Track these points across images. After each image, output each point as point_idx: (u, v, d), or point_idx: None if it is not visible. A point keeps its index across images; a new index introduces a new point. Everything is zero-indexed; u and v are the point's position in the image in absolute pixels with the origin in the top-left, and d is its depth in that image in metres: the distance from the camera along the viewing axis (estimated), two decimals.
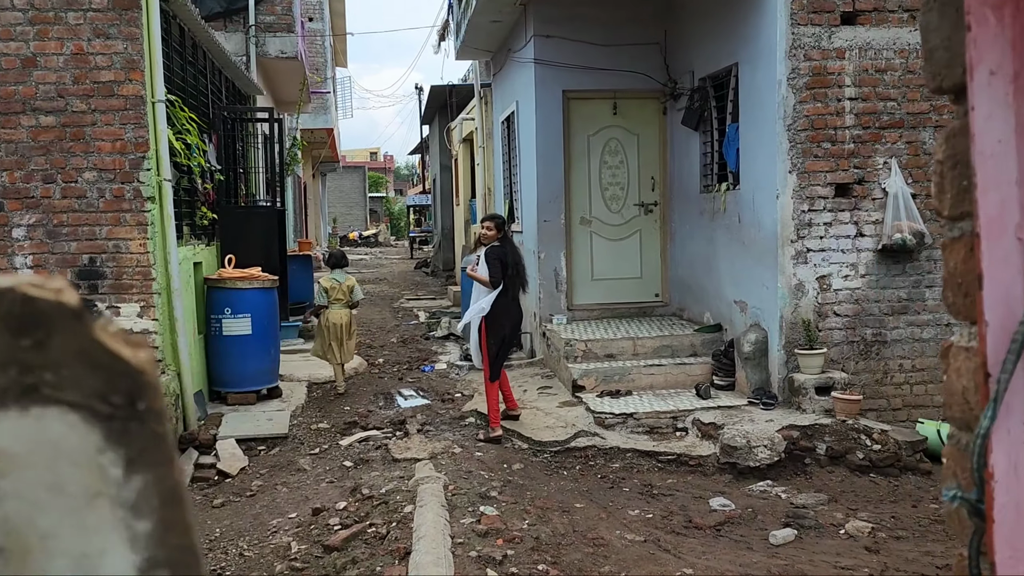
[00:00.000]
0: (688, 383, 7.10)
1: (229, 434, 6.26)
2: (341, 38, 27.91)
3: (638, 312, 8.70)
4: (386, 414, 7.04)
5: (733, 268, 7.18)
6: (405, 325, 12.17)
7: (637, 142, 8.69)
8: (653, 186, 8.74)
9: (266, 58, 11.11)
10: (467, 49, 10.53)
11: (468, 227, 15.52)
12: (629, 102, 8.63)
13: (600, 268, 8.73)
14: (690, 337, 7.52)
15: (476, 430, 6.49)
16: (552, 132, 8.44)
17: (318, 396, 7.70)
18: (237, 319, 7.08)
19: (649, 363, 7.20)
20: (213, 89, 8.54)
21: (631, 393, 6.91)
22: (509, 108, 9.86)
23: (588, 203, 8.68)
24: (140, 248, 5.88)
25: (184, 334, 6.14)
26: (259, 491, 5.58)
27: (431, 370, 8.78)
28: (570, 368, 7.17)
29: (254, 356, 7.14)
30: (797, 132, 6.29)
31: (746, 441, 5.58)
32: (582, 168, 8.64)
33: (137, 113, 5.81)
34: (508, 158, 10.31)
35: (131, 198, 5.85)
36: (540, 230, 8.49)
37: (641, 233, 8.78)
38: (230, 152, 8.92)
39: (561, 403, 6.94)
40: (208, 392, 7.21)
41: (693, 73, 7.92)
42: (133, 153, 5.83)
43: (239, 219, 8.30)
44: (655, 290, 8.83)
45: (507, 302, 6.44)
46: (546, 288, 8.53)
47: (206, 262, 7.49)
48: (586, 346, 7.39)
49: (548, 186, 8.48)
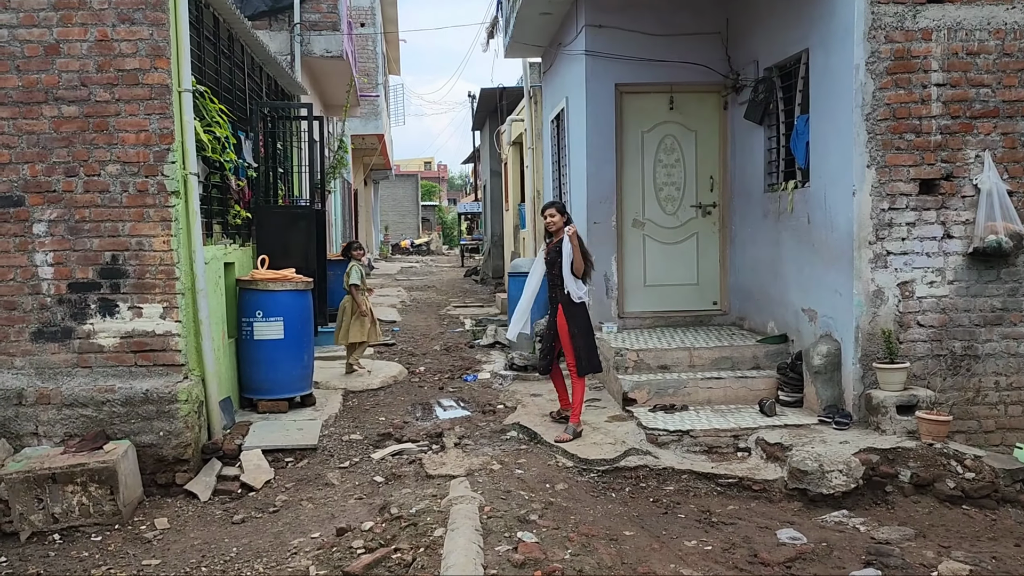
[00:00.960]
0: (750, 398, 6.49)
1: (255, 444, 5.88)
2: (394, 45, 27.87)
3: (694, 321, 8.11)
4: (423, 426, 6.59)
5: (801, 273, 6.56)
6: (450, 332, 11.75)
7: (695, 139, 8.12)
8: (712, 186, 8.15)
9: (311, 57, 10.85)
10: (516, 45, 10.10)
11: (517, 232, 15.07)
12: (687, 96, 8.07)
13: (654, 273, 8.17)
14: (752, 348, 6.91)
15: (518, 445, 6.00)
16: (604, 129, 7.93)
17: (353, 405, 7.30)
18: (269, 323, 6.72)
19: (707, 376, 6.62)
20: (252, 86, 8.26)
21: (687, 408, 6.34)
22: (559, 106, 9.38)
23: (641, 204, 8.14)
24: (163, 245, 5.55)
25: (209, 337, 5.79)
26: (283, 507, 5.18)
27: (473, 379, 8.33)
28: (620, 380, 6.63)
29: (286, 362, 6.78)
30: (876, 122, 5.67)
31: (818, 465, 4.97)
32: (635, 167, 8.10)
33: (162, 103, 5.50)
34: (557, 158, 9.83)
35: (155, 192, 5.54)
36: (590, 233, 7.98)
37: (698, 236, 8.19)
38: (270, 151, 8.64)
39: (610, 417, 6.40)
40: (239, 399, 6.87)
41: (757, 63, 7.34)
42: (158, 145, 5.52)
43: (276, 219, 7.98)
44: (713, 297, 8.23)
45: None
46: (595, 294, 8.00)
47: (239, 263, 7.17)
48: (638, 356, 6.84)
49: (599, 186, 7.97)
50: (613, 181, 7.97)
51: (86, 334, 5.55)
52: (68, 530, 4.97)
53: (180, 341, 5.60)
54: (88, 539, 4.89)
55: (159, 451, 5.44)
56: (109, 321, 5.55)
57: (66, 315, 5.54)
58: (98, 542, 4.84)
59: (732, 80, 7.76)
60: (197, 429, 5.62)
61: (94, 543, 4.84)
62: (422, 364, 9.24)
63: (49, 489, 4.96)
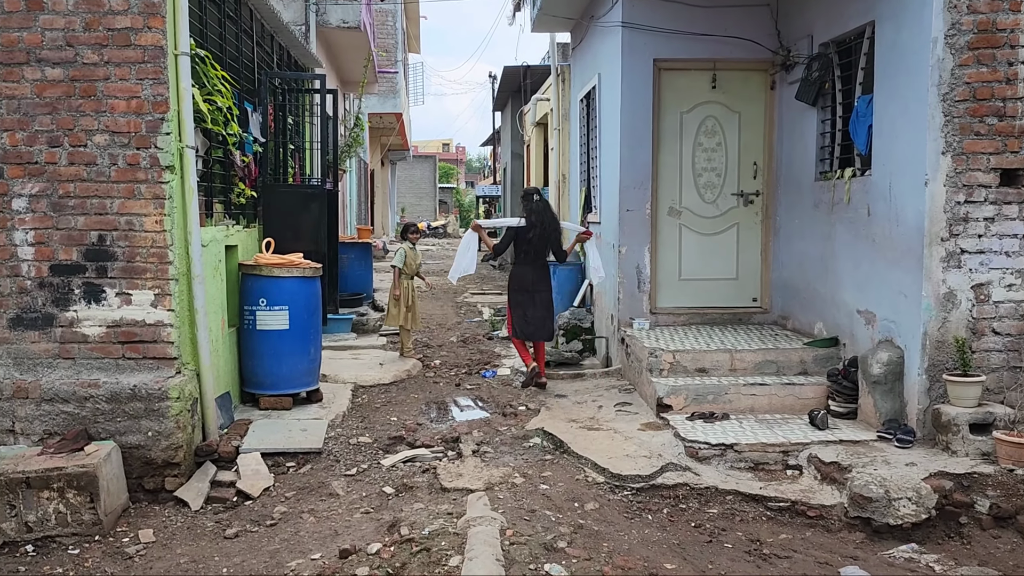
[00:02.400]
0: (798, 408, 5.90)
1: (254, 447, 5.36)
2: (414, 22, 27.21)
3: (732, 319, 7.50)
4: (438, 428, 6.05)
5: (858, 271, 5.94)
6: (467, 323, 11.20)
7: (738, 121, 7.48)
8: (755, 173, 7.52)
9: (327, 28, 10.27)
10: (544, 18, 9.45)
11: None
12: (731, 74, 7.43)
13: (689, 266, 7.57)
14: (799, 352, 6.31)
15: (542, 454, 5.45)
16: (640, 109, 7.31)
17: (363, 402, 6.77)
18: (273, 311, 6.19)
19: (750, 381, 6.03)
20: (262, 56, 7.70)
21: (728, 417, 5.76)
22: (589, 83, 8.76)
23: (678, 191, 7.52)
24: (156, 225, 5.01)
25: (205, 328, 5.26)
26: (282, 520, 4.66)
27: (492, 376, 7.77)
28: (654, 383, 6.06)
29: (290, 355, 6.25)
30: (954, 103, 5.03)
31: (884, 491, 4.38)
32: (673, 151, 7.48)
33: (157, 67, 4.95)
34: (586, 140, 9.21)
35: (147, 167, 4.99)
36: (622, 221, 7.38)
37: (739, 227, 7.57)
38: (280, 125, 8.08)
39: (643, 425, 5.83)
40: (239, 393, 6.36)
41: (812, 38, 6.68)
42: (151, 114, 4.96)
43: (284, 199, 7.42)
44: (753, 293, 7.61)
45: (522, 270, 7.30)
46: (626, 288, 7.42)
47: (243, 246, 6.63)
48: (674, 358, 6.26)
49: (633, 171, 7.36)
50: (649, 166, 7.36)
51: (69, 322, 5.03)
52: (43, 540, 4.47)
53: (173, 332, 5.07)
54: (64, 551, 4.40)
55: (147, 453, 4.93)
56: (94, 308, 5.03)
57: (47, 300, 5.02)
58: (75, 555, 4.34)
59: (782, 57, 7.10)
60: (190, 429, 5.10)
61: (70, 556, 4.34)
62: (438, 357, 8.70)
63: (23, 495, 4.46)
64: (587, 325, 8.62)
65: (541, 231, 7.15)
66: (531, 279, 7.22)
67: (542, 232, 7.15)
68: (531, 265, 7.24)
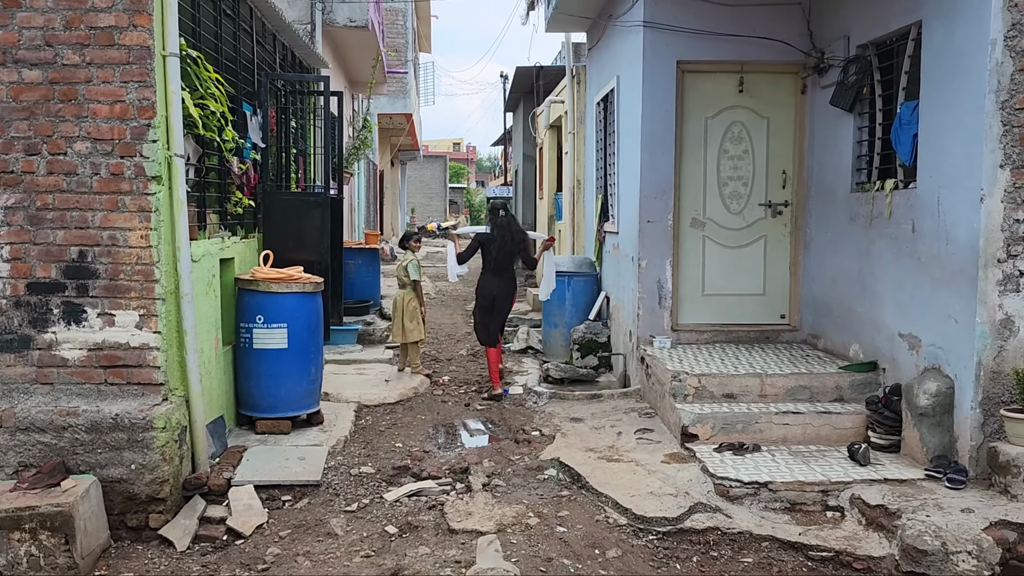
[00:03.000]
0: (834, 438, 5.46)
1: (247, 479, 4.96)
2: (425, 21, 26.82)
3: (759, 337, 7.07)
4: (445, 457, 5.64)
5: (900, 291, 5.50)
6: None
7: (766, 127, 7.05)
8: (784, 182, 7.08)
9: (333, 27, 9.88)
10: (559, 17, 9.04)
11: (552, 223, 14.04)
12: (759, 77, 6.99)
13: (713, 281, 7.13)
14: (834, 376, 5.87)
15: (558, 489, 5.03)
16: (662, 113, 6.88)
17: (366, 425, 6.37)
18: (270, 329, 5.80)
19: (782, 409, 5.59)
20: (264, 56, 7.31)
21: (759, 449, 5.33)
22: (607, 86, 8.33)
23: (702, 201, 7.09)
24: (141, 240, 4.62)
25: (195, 350, 4.86)
26: (274, 563, 4.26)
27: (505, 394, 7.36)
28: (678, 410, 5.63)
29: (289, 375, 5.86)
30: (1014, 112, 4.58)
31: (940, 543, 3.95)
32: (696, 158, 7.05)
33: (142, 68, 4.55)
34: (603, 146, 8.79)
35: (132, 176, 4.60)
36: (642, 232, 6.95)
37: (766, 240, 7.13)
38: (283, 130, 7.69)
39: (667, 456, 5.40)
40: (235, 416, 5.97)
41: (848, 39, 6.24)
42: (136, 119, 4.57)
43: (285, 207, 7.03)
44: (780, 310, 7.17)
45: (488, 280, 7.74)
46: (646, 303, 6.99)
47: (241, 258, 6.24)
48: (699, 382, 5.83)
49: (654, 179, 6.93)
50: (671, 174, 6.93)
51: (47, 344, 4.64)
52: None
53: (159, 355, 4.68)
54: None
55: (130, 488, 4.54)
56: (75, 330, 4.64)
57: (24, 321, 4.63)
58: None
59: (815, 59, 6.66)
60: (177, 461, 4.71)
61: None
62: (446, 373, 8.29)
63: None
64: (603, 340, 8.20)
65: (501, 244, 7.58)
66: (494, 290, 7.67)
67: (502, 245, 7.58)
68: (495, 276, 7.68)
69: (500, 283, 7.64)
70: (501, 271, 7.66)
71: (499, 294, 7.64)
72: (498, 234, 7.61)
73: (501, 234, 7.61)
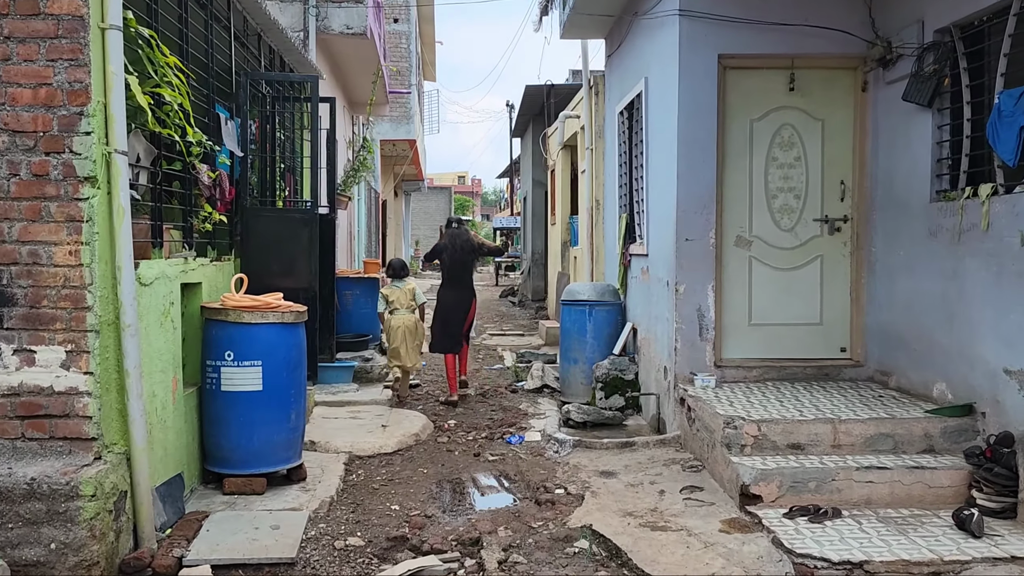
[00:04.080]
0: (929, 500, 4.44)
1: (204, 556, 3.95)
2: (430, 47, 26.22)
3: (816, 373, 6.07)
4: (452, 524, 4.62)
5: (1004, 318, 4.51)
6: (486, 370, 9.79)
7: (821, 130, 6.12)
8: (843, 194, 6.13)
9: (328, 34, 9.06)
10: (577, 19, 8.17)
11: (566, 249, 13.11)
12: (812, 73, 6.08)
13: (762, 308, 6.16)
14: (922, 422, 4.86)
15: (593, 568, 4.01)
16: (701, 115, 5.96)
17: (358, 481, 5.36)
18: (242, 368, 4.83)
19: (863, 463, 4.58)
20: (246, 57, 6.45)
21: (840, 514, 4.30)
22: (632, 91, 7.44)
23: (748, 216, 6.14)
24: (70, 258, 3.69)
25: (139, 395, 3.89)
26: None
27: (519, 442, 6.35)
28: (735, 465, 4.62)
29: (264, 423, 4.88)
30: None
31: None
32: (741, 167, 6.12)
33: (74, 43, 3.66)
34: (628, 159, 7.87)
35: (59, 178, 3.68)
36: (679, 253, 6.00)
37: (822, 260, 6.17)
38: (270, 141, 6.80)
39: (725, 523, 4.38)
40: (200, 472, 4.98)
41: (923, 24, 5.33)
42: (65, 107, 3.67)
43: (268, 225, 6.11)
44: (840, 342, 6.18)
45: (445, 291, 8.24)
46: (684, 334, 6.01)
47: (211, 283, 5.29)
48: (759, 430, 4.82)
49: (693, 192, 5.99)
50: (712, 185, 5.99)
51: None
52: None
53: (91, 402, 3.71)
54: None
55: (49, 573, 3.55)
56: None
57: None
58: None
59: (879, 50, 5.74)
60: (112, 537, 3.72)
61: None
62: (451, 416, 7.28)
63: None
64: (630, 377, 7.20)
65: (452, 252, 8.15)
66: (451, 301, 8.14)
67: (453, 253, 8.14)
68: (452, 288, 8.18)
69: (454, 294, 8.14)
70: (455, 281, 8.16)
71: (455, 302, 8.11)
72: (449, 243, 8.18)
73: (452, 243, 8.17)
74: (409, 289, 7.99)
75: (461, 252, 8.15)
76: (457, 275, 8.16)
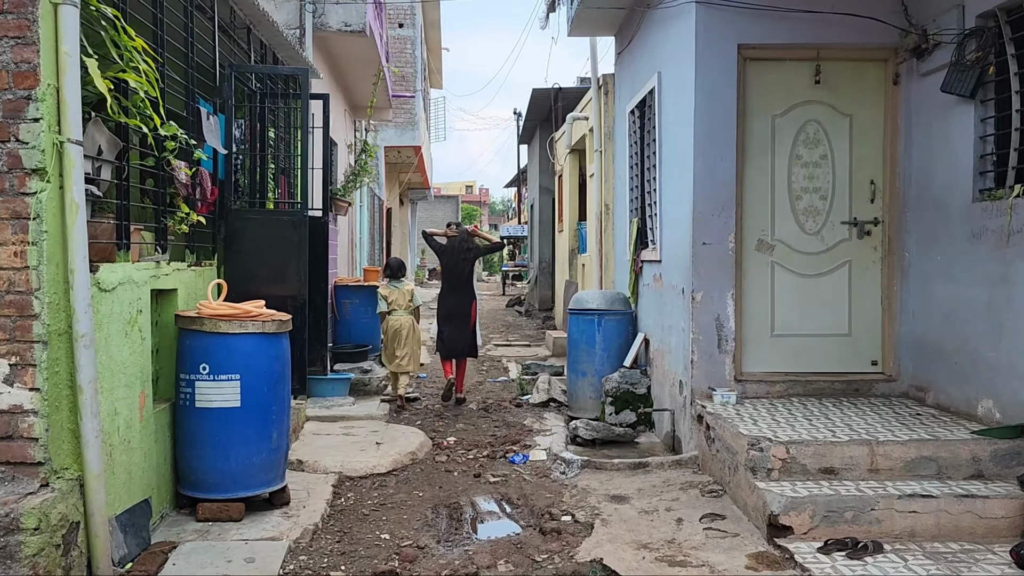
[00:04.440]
0: (981, 532, 3.97)
1: None
2: (436, 54, 25.90)
3: (845, 389, 5.61)
4: (446, 556, 4.17)
5: None
6: (490, 383, 9.34)
7: (849, 127, 5.68)
8: (873, 195, 5.69)
9: (326, 31, 8.67)
10: (585, 13, 7.74)
11: (574, 257, 12.67)
12: (839, 65, 5.65)
13: (785, 318, 5.71)
14: (968, 445, 4.39)
15: None
16: (720, 111, 5.53)
17: (346, 506, 4.92)
18: (218, 382, 4.40)
19: (906, 491, 4.11)
20: (234, 51, 6.07)
21: (881, 548, 3.84)
22: (644, 88, 7.01)
23: (770, 219, 5.70)
24: (14, 260, 3.28)
25: (93, 414, 3.47)
26: None
27: (523, 461, 5.90)
28: (761, 491, 4.16)
29: (242, 443, 4.45)
30: None
31: None
32: (762, 167, 5.68)
33: (21, 19, 3.26)
34: (639, 160, 7.43)
35: (3, 170, 3.28)
36: (696, 258, 5.56)
37: (851, 266, 5.72)
38: (259, 139, 6.41)
39: (752, 559, 3.92)
40: (173, 497, 4.55)
41: (963, 9, 4.89)
42: (10, 90, 3.27)
43: (254, 228, 5.71)
44: (871, 355, 5.72)
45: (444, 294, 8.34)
46: (702, 346, 5.56)
47: (189, 289, 4.88)
48: (787, 452, 4.36)
49: (711, 193, 5.55)
50: (732, 185, 5.55)
51: None
52: None
53: (38, 423, 3.29)
54: None
55: None
56: None
57: None
58: None
59: (914, 38, 5.31)
60: (62, 572, 3.28)
61: None
62: (451, 432, 6.83)
63: None
64: (642, 392, 6.75)
65: (451, 256, 8.26)
66: (451, 304, 8.20)
67: (451, 256, 8.25)
68: (452, 291, 8.27)
69: (456, 297, 8.20)
70: (455, 284, 8.24)
71: (456, 305, 8.16)
72: (448, 246, 8.32)
73: (451, 246, 8.30)
74: (408, 290, 7.99)
75: (458, 253, 8.24)
76: (455, 276, 8.23)
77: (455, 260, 8.23)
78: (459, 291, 8.20)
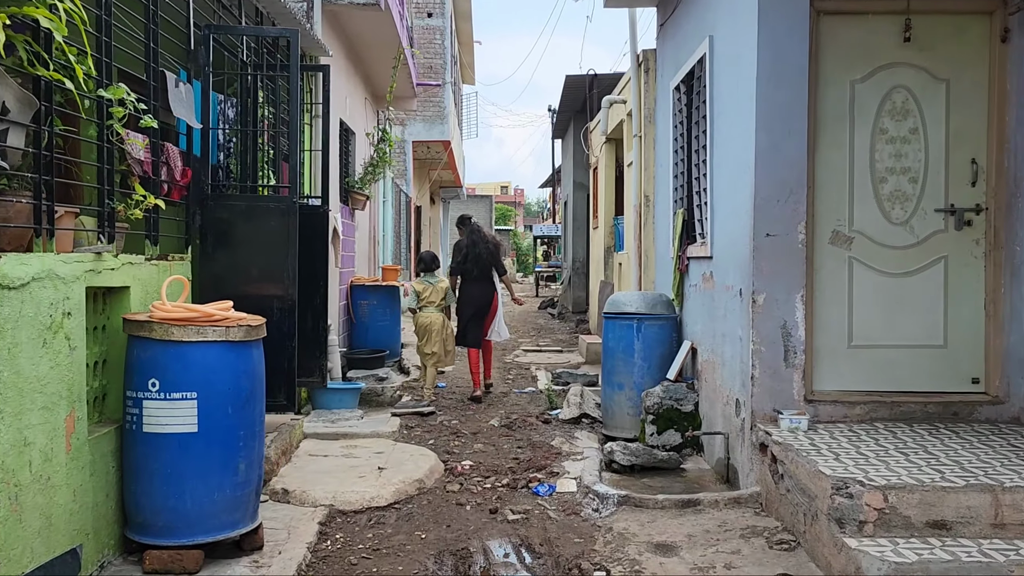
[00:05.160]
0: None
1: None
2: (468, 48, 25.15)
3: (940, 412, 4.62)
4: None
5: None
6: (515, 394, 8.44)
7: (945, 94, 4.69)
8: (975, 176, 4.69)
9: (336, 4, 7.86)
10: None
11: (610, 256, 11.72)
12: (932, 20, 4.66)
13: (866, 326, 4.73)
14: None
15: None
16: (788, 75, 4.58)
17: (331, 551, 4.06)
18: (170, 402, 3.58)
19: None
20: (222, 16, 5.27)
21: None
22: (692, 58, 6.07)
23: (847, 206, 4.73)
24: None
25: None
26: None
27: (550, 493, 5.00)
28: (853, 553, 3.21)
29: (200, 477, 3.61)
30: None
31: None
32: (838, 142, 4.72)
33: None
34: (685, 142, 6.49)
35: None
36: (757, 253, 4.61)
37: (947, 263, 4.72)
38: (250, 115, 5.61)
39: None
40: (119, 540, 3.74)
41: None
42: None
43: (232, 217, 4.90)
44: (971, 371, 4.72)
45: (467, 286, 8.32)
46: (764, 359, 4.61)
47: (145, 288, 4.06)
48: (885, 500, 3.40)
49: (776, 174, 4.60)
50: (803, 165, 4.60)
51: None
52: None
53: None
54: None
55: None
56: None
57: None
58: None
59: None
60: None
61: None
62: (467, 454, 5.95)
63: None
64: (688, 409, 5.82)
65: (475, 251, 8.19)
66: (475, 298, 8.20)
67: (475, 255, 8.18)
68: (475, 284, 8.25)
69: (479, 290, 8.20)
70: (479, 278, 8.21)
71: (479, 298, 8.18)
72: (469, 240, 8.25)
73: (472, 240, 8.24)
74: (442, 287, 8.01)
75: (483, 251, 8.22)
76: (480, 268, 8.23)
77: (480, 253, 8.20)
78: (482, 282, 8.24)
